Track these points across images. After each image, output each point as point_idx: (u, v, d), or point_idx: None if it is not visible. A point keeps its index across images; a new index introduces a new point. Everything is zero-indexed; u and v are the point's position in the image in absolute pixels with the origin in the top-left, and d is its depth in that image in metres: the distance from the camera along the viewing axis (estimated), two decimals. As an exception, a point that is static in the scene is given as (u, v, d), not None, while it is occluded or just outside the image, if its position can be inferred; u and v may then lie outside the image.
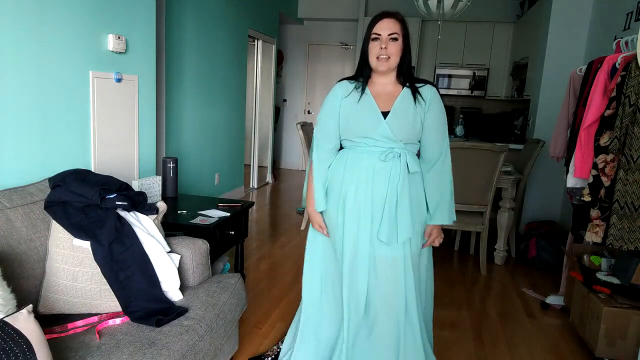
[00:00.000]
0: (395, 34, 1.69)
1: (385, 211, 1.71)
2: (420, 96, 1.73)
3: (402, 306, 1.77)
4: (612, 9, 3.65)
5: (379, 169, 1.71)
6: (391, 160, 1.71)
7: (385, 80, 1.77)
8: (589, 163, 2.32)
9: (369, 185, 1.72)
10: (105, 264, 1.64)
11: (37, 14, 1.91)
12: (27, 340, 1.16)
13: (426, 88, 1.76)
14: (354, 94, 1.76)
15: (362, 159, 1.74)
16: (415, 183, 1.77)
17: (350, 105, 1.75)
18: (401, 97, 1.73)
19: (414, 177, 1.76)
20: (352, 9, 6.75)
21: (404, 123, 1.71)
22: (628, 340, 2.22)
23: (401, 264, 1.75)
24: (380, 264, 1.76)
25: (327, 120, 1.81)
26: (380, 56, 1.69)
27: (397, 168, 1.71)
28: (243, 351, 2.28)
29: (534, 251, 3.69)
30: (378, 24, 1.70)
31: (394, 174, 1.71)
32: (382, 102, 1.73)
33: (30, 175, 1.95)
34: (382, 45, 1.68)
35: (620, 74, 2.18)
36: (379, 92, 1.76)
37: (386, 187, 1.71)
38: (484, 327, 2.69)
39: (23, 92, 1.89)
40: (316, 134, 1.86)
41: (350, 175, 1.75)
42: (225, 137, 4.98)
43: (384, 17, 1.70)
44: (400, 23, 1.71)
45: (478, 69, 6.53)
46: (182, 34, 3.92)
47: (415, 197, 1.77)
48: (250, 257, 3.59)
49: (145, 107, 2.67)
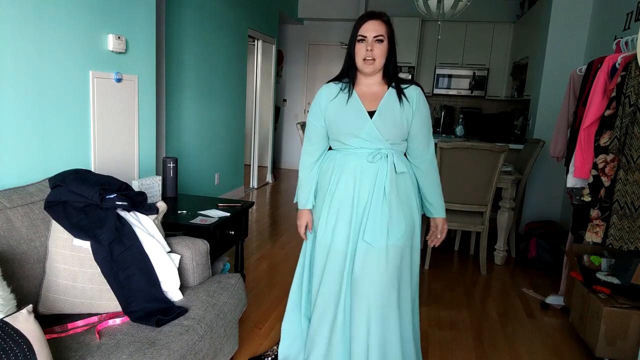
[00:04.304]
0: (380, 36, 1.69)
1: (371, 212, 1.73)
2: (405, 97, 1.75)
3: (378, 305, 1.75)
4: (612, 9, 3.65)
5: (366, 170, 1.74)
6: (378, 161, 1.73)
7: (371, 81, 1.78)
8: (589, 163, 2.32)
9: (356, 186, 1.75)
10: (105, 264, 1.64)
11: (37, 14, 1.91)
12: (27, 340, 1.16)
13: (411, 88, 1.78)
14: (340, 95, 1.78)
15: (349, 160, 1.77)
16: (403, 183, 1.78)
17: (338, 107, 1.77)
18: (386, 97, 1.75)
19: (401, 177, 1.77)
20: (352, 9, 6.76)
21: (390, 122, 1.73)
22: (628, 340, 2.22)
23: (382, 265, 1.73)
24: (358, 262, 1.75)
25: (313, 123, 1.85)
26: (367, 58, 1.70)
27: (384, 169, 1.73)
28: (243, 351, 2.28)
29: (534, 251, 3.69)
30: (364, 25, 1.70)
31: (380, 174, 1.73)
32: (367, 102, 1.75)
33: (30, 175, 1.95)
34: (367, 47, 1.69)
35: (620, 74, 2.18)
36: (365, 93, 1.78)
37: (372, 188, 1.73)
38: (484, 327, 2.69)
39: (23, 92, 1.89)
40: (305, 135, 1.91)
41: (338, 175, 1.78)
42: (225, 137, 4.98)
43: (370, 18, 1.71)
44: (386, 24, 1.72)
45: (478, 69, 6.53)
46: (182, 34, 3.92)
47: (404, 197, 1.78)
48: (250, 257, 3.59)
49: (145, 107, 2.67)
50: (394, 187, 1.74)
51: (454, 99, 6.90)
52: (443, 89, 6.68)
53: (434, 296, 3.08)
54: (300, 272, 2.04)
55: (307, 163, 1.90)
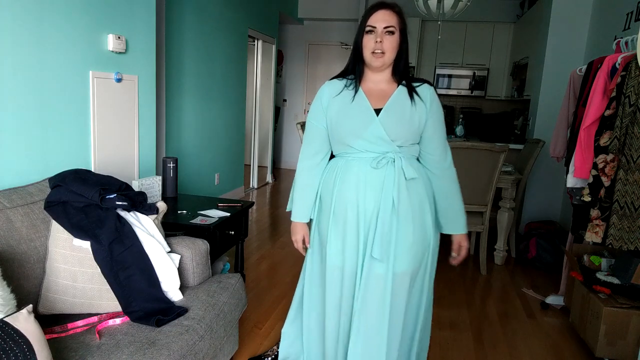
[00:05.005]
0: (391, 27, 1.52)
1: (378, 225, 1.54)
2: (417, 96, 1.59)
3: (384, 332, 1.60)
4: (612, 9, 3.64)
5: (371, 178, 1.55)
6: (384, 167, 1.54)
7: (379, 78, 1.61)
8: (589, 163, 2.32)
9: (359, 196, 1.56)
10: (105, 264, 1.64)
11: (37, 14, 1.91)
12: (27, 340, 1.16)
13: (424, 87, 1.62)
14: (345, 92, 1.61)
15: (351, 167, 1.58)
16: (415, 191, 1.59)
17: (341, 105, 1.60)
18: (396, 94, 1.58)
19: (413, 184, 1.58)
20: (352, 9, 6.76)
21: (398, 122, 1.55)
22: (628, 340, 2.22)
23: (389, 285, 1.57)
24: (370, 283, 1.58)
25: (314, 123, 1.67)
26: (375, 51, 1.53)
27: (392, 175, 1.54)
28: (243, 351, 2.28)
29: (534, 251, 3.69)
30: (373, 15, 1.53)
31: (387, 182, 1.54)
32: (374, 100, 1.58)
33: (30, 175, 1.94)
34: (377, 39, 1.52)
35: (620, 74, 2.18)
36: (371, 90, 1.61)
37: (379, 198, 1.55)
38: (484, 327, 2.69)
39: (23, 92, 1.89)
40: (304, 137, 1.74)
41: (340, 186, 1.60)
42: (225, 137, 4.98)
43: (380, 8, 1.53)
44: (398, 15, 1.55)
45: (478, 69, 6.53)
46: (182, 34, 3.92)
47: (417, 206, 1.59)
48: (250, 257, 3.59)
49: (145, 107, 2.66)
50: (405, 197, 1.55)
51: (454, 99, 6.90)
52: (443, 89, 6.68)
53: (434, 296, 3.07)
54: (301, 290, 1.91)
55: (304, 167, 1.72)
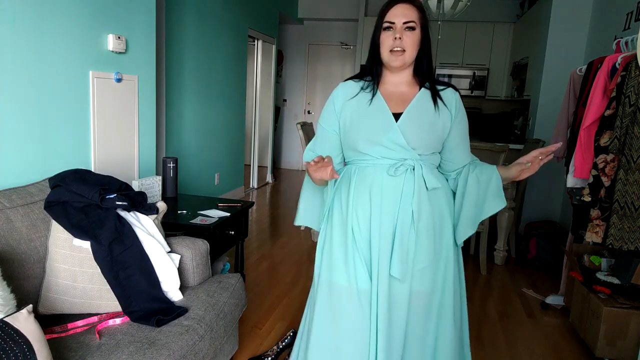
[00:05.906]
0: (412, 22, 1.39)
1: (396, 240, 1.40)
2: (442, 100, 1.45)
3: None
4: (612, 9, 3.65)
5: (387, 186, 1.41)
6: (402, 175, 1.40)
7: (398, 79, 1.48)
8: (589, 163, 2.32)
9: (374, 207, 1.42)
10: (105, 264, 1.64)
11: (37, 14, 1.91)
12: (27, 340, 1.16)
13: (449, 91, 1.48)
14: (362, 95, 1.47)
15: (366, 175, 1.44)
16: (437, 203, 1.45)
17: (357, 108, 1.46)
18: (418, 98, 1.45)
19: (434, 194, 1.44)
20: (352, 9, 6.76)
21: (419, 128, 1.42)
22: (628, 340, 2.22)
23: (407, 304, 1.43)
24: (393, 304, 1.43)
25: (325, 127, 1.53)
26: (394, 48, 1.40)
27: (411, 183, 1.40)
28: (243, 351, 2.28)
29: (534, 251, 3.69)
30: (391, 10, 1.40)
31: (406, 191, 1.40)
32: (393, 104, 1.44)
33: (30, 175, 1.94)
34: (395, 35, 1.39)
35: (620, 74, 2.18)
36: (391, 93, 1.47)
37: (396, 210, 1.41)
38: (484, 327, 2.69)
39: (23, 92, 1.89)
40: (313, 140, 1.59)
41: (355, 196, 1.45)
42: (225, 137, 4.98)
43: (399, 1, 1.40)
44: (419, 10, 1.41)
45: (478, 69, 6.53)
46: (182, 34, 3.92)
47: (438, 219, 1.45)
48: (250, 257, 3.59)
49: (145, 107, 2.66)
50: (426, 210, 1.42)
51: (454, 99, 6.89)
52: (443, 89, 6.68)
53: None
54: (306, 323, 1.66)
55: (309, 185, 1.59)
